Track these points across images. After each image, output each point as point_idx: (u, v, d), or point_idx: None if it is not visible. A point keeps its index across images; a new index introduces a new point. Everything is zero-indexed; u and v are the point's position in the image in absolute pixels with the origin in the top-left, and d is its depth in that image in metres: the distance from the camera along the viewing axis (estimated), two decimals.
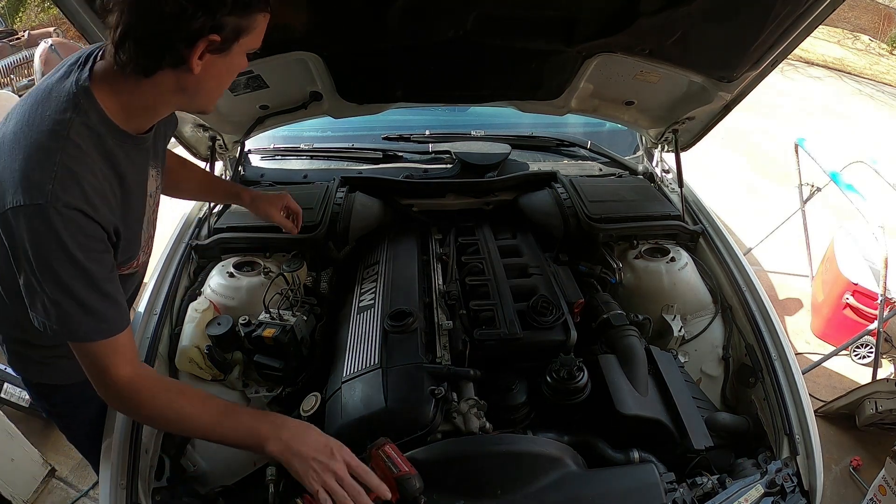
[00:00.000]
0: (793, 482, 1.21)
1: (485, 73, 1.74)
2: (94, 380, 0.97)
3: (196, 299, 1.59)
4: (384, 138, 2.28)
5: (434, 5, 1.41)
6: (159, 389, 1.00)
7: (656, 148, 2.21)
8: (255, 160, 2.26)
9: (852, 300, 2.97)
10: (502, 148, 2.11)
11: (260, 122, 1.91)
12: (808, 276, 3.68)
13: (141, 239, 1.13)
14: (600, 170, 2.25)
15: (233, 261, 1.69)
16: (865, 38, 10.72)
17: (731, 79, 1.66)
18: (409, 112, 2.38)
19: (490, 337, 1.40)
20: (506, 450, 1.15)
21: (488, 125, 2.40)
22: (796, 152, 3.39)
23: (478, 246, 1.79)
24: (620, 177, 2.21)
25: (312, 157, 2.24)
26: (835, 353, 2.85)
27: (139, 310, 1.49)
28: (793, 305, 3.57)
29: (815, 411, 2.10)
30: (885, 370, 2.94)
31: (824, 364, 2.88)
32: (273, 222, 1.56)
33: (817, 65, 9.08)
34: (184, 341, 1.45)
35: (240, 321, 1.44)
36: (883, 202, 2.79)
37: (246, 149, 2.12)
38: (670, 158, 2.13)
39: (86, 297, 0.90)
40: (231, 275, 1.63)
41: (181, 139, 1.87)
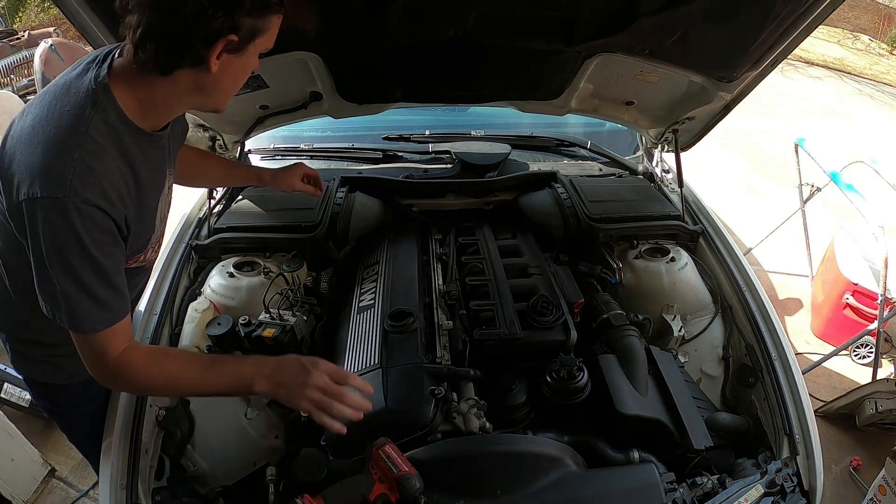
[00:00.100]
0: (793, 482, 1.21)
1: (485, 73, 1.74)
2: (93, 364, 0.99)
3: (196, 299, 1.59)
4: (384, 138, 2.28)
5: (434, 5, 1.41)
6: (149, 360, 1.04)
7: (656, 148, 2.21)
8: (255, 160, 2.25)
9: (852, 300, 2.96)
10: (502, 148, 2.11)
11: (260, 122, 1.91)
12: (808, 276, 3.68)
13: (151, 235, 1.15)
14: (600, 170, 2.25)
15: (233, 261, 1.69)
16: (865, 38, 10.70)
17: (731, 79, 1.66)
18: (409, 112, 2.38)
19: (490, 337, 1.40)
20: (506, 450, 1.16)
21: (488, 125, 2.40)
22: (796, 152, 3.38)
23: (478, 246, 1.79)
24: (620, 177, 2.21)
25: (312, 157, 2.23)
26: (835, 353, 2.85)
27: (139, 309, 1.49)
28: (793, 305, 3.57)
29: (815, 411, 2.09)
30: (885, 370, 2.94)
31: (824, 364, 2.88)
32: (296, 191, 1.64)
33: (817, 65, 9.07)
34: (184, 341, 1.46)
35: (240, 321, 1.44)
36: (883, 202, 2.79)
37: (246, 149, 2.12)
38: (670, 158, 2.13)
39: (96, 290, 0.92)
40: (231, 275, 1.63)
41: None
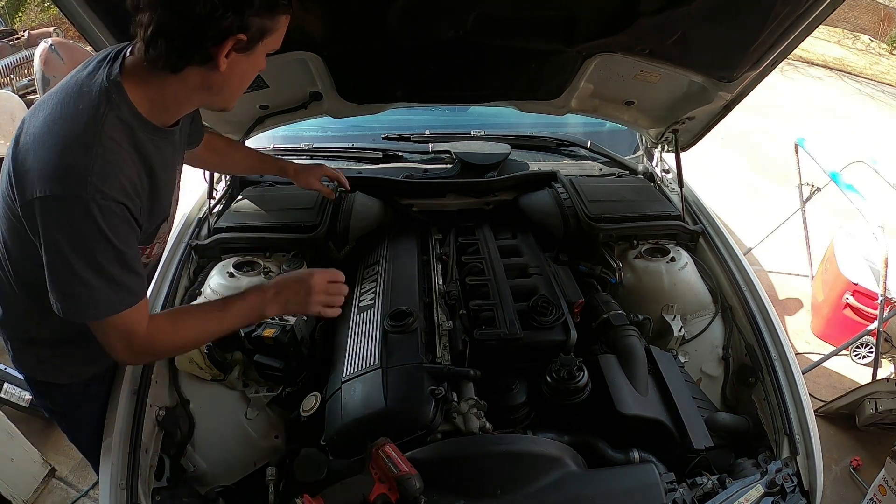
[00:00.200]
0: (793, 482, 1.21)
1: (485, 73, 1.74)
2: (122, 346, 1.01)
3: (196, 299, 1.59)
4: (384, 138, 2.28)
5: (434, 5, 1.41)
6: (174, 324, 1.09)
7: (656, 148, 2.21)
8: None
9: (852, 300, 2.96)
10: (502, 148, 2.11)
11: (260, 122, 1.91)
12: (808, 276, 3.67)
13: (161, 226, 1.17)
14: (600, 170, 2.25)
15: (233, 261, 1.69)
16: (865, 38, 10.69)
17: (731, 79, 1.66)
18: (409, 112, 2.38)
19: (490, 337, 1.40)
20: (506, 450, 1.16)
21: (488, 125, 2.40)
22: (796, 152, 3.38)
23: (478, 246, 1.79)
24: (620, 177, 2.21)
25: (312, 157, 2.23)
26: (835, 353, 2.85)
27: None
28: (793, 305, 3.57)
29: (815, 411, 2.09)
30: (885, 370, 2.94)
31: (824, 364, 2.88)
32: (314, 190, 1.74)
33: (817, 65, 9.06)
34: None
35: None
36: (883, 202, 2.78)
37: None
38: (670, 158, 2.13)
39: (122, 278, 0.96)
40: (231, 275, 1.63)
41: None
